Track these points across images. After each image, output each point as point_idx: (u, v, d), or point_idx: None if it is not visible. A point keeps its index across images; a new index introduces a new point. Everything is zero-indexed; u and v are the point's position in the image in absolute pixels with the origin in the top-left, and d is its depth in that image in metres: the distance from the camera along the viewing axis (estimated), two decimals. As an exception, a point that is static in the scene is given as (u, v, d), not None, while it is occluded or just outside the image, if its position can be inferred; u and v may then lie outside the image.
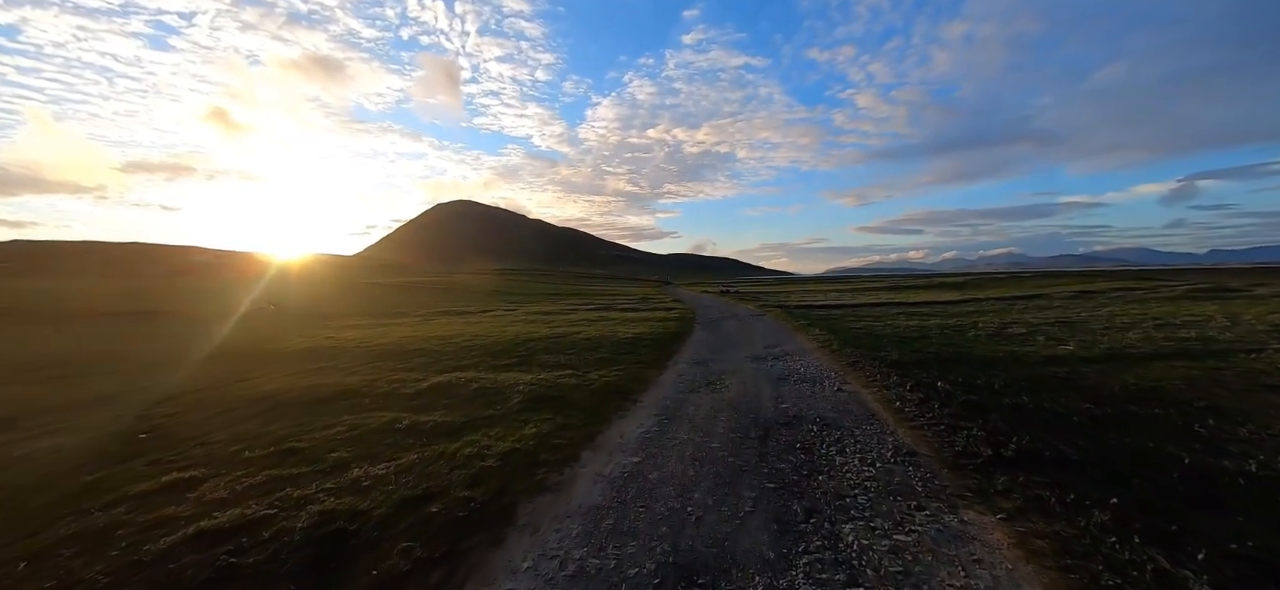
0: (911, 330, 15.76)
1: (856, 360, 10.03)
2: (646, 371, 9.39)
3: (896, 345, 12.16)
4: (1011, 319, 18.67)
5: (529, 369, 9.51)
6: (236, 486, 4.54)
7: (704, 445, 5.51)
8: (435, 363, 10.27)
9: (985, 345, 12.61)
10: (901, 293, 40.40)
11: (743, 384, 8.34)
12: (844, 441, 5.52)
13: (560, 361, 10.22)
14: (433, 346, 12.18)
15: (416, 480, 4.57)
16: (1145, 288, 33.33)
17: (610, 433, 5.97)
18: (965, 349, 11.93)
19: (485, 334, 14.90)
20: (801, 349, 11.93)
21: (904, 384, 7.85)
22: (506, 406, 6.91)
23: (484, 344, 12.60)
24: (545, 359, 10.48)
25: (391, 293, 42.65)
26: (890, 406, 6.79)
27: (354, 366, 9.90)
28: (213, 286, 39.38)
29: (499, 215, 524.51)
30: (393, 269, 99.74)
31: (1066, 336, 14.00)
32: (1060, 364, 9.93)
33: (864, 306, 26.53)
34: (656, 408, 7.02)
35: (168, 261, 66.12)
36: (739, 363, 10.30)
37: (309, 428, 6.10)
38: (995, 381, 8.09)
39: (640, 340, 13.06)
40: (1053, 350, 11.86)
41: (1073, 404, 6.67)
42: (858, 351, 11.01)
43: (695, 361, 10.63)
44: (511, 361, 10.26)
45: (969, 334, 15.02)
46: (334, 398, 7.51)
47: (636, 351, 11.46)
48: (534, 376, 8.66)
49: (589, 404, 7.05)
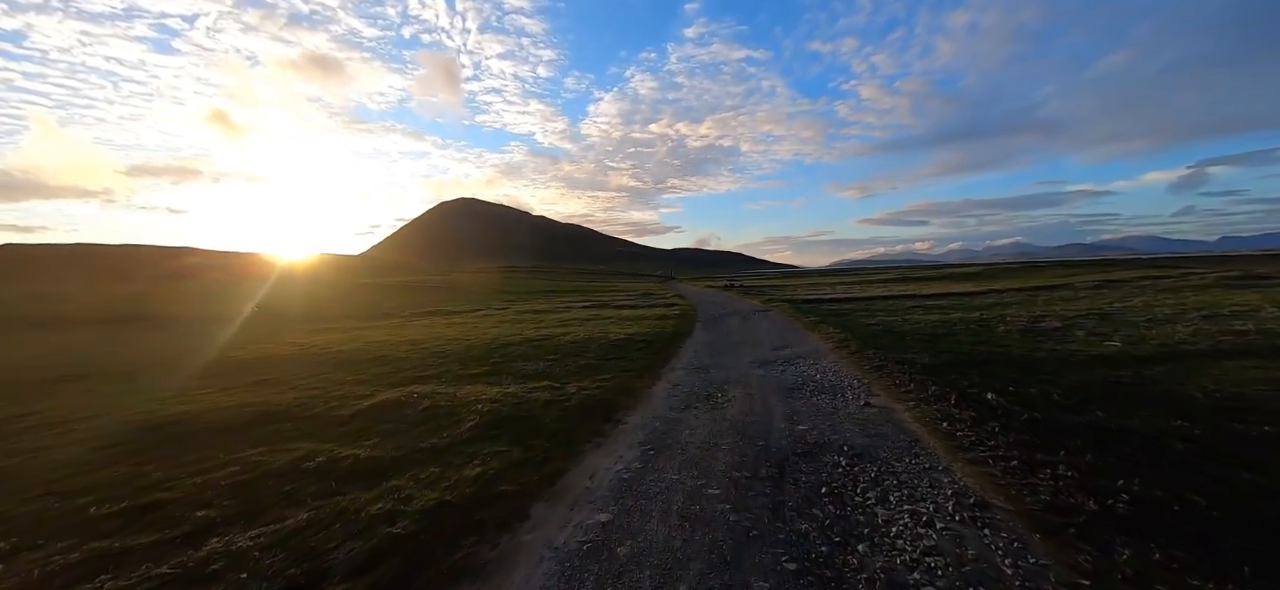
0: (934, 326, 14.32)
1: (880, 364, 8.62)
2: (636, 381, 8.03)
3: (922, 344, 10.75)
4: (1040, 312, 17.17)
5: (499, 380, 8.17)
6: (39, 569, 3.22)
7: (698, 492, 4.15)
8: (394, 373, 8.95)
9: (1021, 342, 11.20)
10: (912, 285, 38.81)
11: (749, 397, 6.96)
12: (885, 483, 4.15)
13: (538, 370, 8.87)
14: (400, 353, 10.87)
15: (287, 559, 3.23)
16: (1172, 276, 31.63)
17: (578, 473, 4.61)
18: (1001, 348, 10.51)
19: (465, 336, 13.58)
20: (814, 350, 10.54)
21: (945, 395, 6.45)
22: (456, 433, 5.57)
23: (458, 349, 11.27)
24: (521, 367, 9.13)
25: (386, 293, 41.43)
26: (935, 428, 5.40)
27: (298, 379, 8.59)
28: (203, 290, 38.32)
29: (502, 213, 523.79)
30: (393, 269, 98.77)
31: (1108, 331, 12.57)
32: (1114, 365, 8.53)
33: (876, 300, 25.03)
34: (642, 432, 5.66)
35: (161, 264, 65.00)
36: (744, 369, 8.93)
37: (193, 469, 4.78)
38: (1052, 390, 6.70)
39: (633, 342, 11.69)
40: (1099, 348, 10.46)
41: (1161, 422, 5.27)
42: (880, 353, 9.61)
43: (694, 367, 9.26)
44: (482, 370, 8.92)
45: (998, 330, 13.59)
46: (252, 423, 6.20)
47: (627, 356, 10.10)
48: (501, 390, 7.31)
49: (558, 428, 5.69)
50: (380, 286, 48.08)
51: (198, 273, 58.22)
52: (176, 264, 64.63)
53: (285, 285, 48.41)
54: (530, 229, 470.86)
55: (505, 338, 12.90)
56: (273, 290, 41.76)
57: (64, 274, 57.00)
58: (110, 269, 59.52)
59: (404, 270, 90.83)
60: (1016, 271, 49.85)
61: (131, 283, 48.11)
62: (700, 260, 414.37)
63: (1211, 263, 45.16)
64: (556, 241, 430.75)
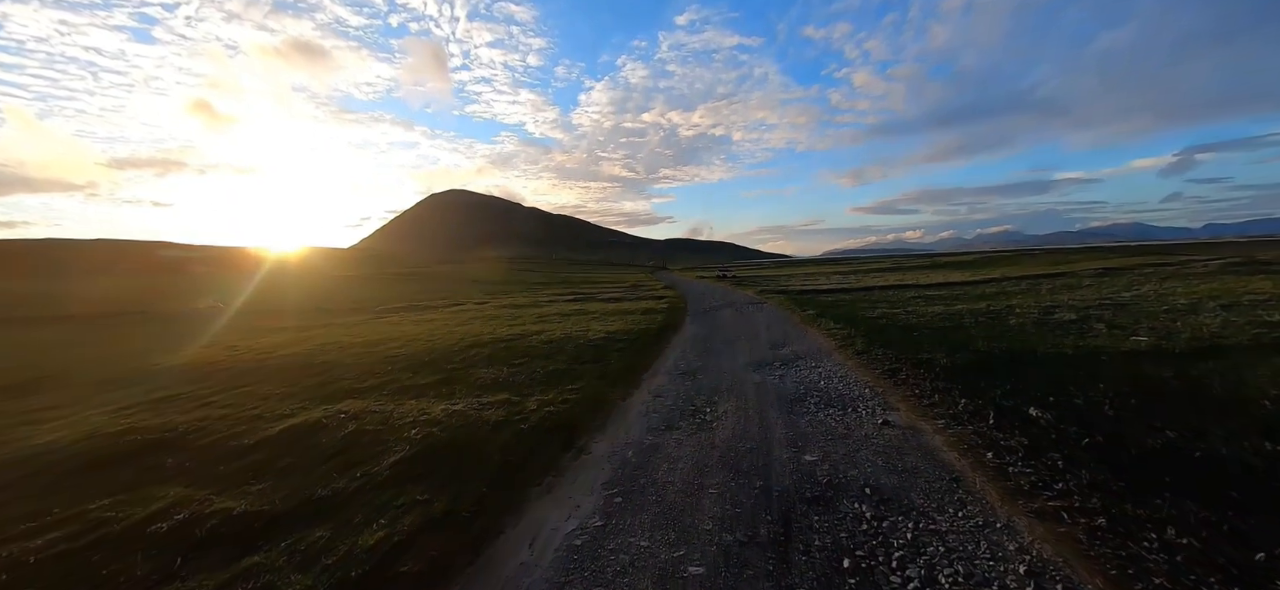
0: (941, 319, 13.28)
1: (893, 366, 7.52)
2: (611, 391, 6.86)
3: (934, 341, 9.68)
4: (1048, 302, 16.19)
5: (450, 392, 6.96)
6: None
7: (675, 570, 3.00)
8: (329, 384, 7.71)
9: (1042, 337, 10.17)
10: (908, 274, 37.91)
11: (743, 412, 5.82)
12: (928, 552, 3.02)
13: (499, 378, 7.66)
14: (348, 358, 9.60)
15: None
16: (1174, 263, 30.92)
17: (514, 537, 3.45)
18: (1021, 344, 9.46)
19: (430, 335, 12.32)
20: (816, 349, 9.42)
21: (980, 412, 5.33)
22: (372, 471, 4.38)
23: (417, 351, 10.03)
24: (481, 374, 7.91)
25: (364, 285, 39.89)
26: (978, 460, 4.28)
27: (213, 393, 7.33)
28: (171, 285, 36.56)
29: (493, 203, 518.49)
30: (378, 261, 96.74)
31: (1128, 323, 11.59)
32: (1153, 362, 7.52)
33: (874, 290, 24.02)
34: (609, 467, 4.50)
35: (135, 259, 62.58)
36: (737, 373, 7.78)
37: (6, 533, 3.56)
38: (1100, 400, 5.62)
39: (613, 341, 10.50)
40: (1126, 342, 9.47)
41: (1247, 441, 4.21)
42: (890, 352, 8.51)
43: (680, 371, 8.10)
44: (434, 380, 7.70)
45: (1010, 322, 12.57)
46: (126, 457, 4.97)
47: (605, 358, 8.91)
48: (448, 407, 6.11)
49: (504, 462, 4.52)
50: (360, 279, 46.47)
51: (173, 267, 56.15)
52: (151, 258, 62.31)
53: (260, 279, 46.65)
54: (522, 220, 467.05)
55: (474, 337, 11.66)
56: (244, 284, 40.07)
57: (34, 269, 54.63)
58: (80, 265, 57.15)
59: (389, 262, 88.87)
60: (1011, 260, 49.22)
61: (99, 278, 46.10)
62: (693, 250, 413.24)
63: (1210, 249, 44.65)
64: (548, 232, 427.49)
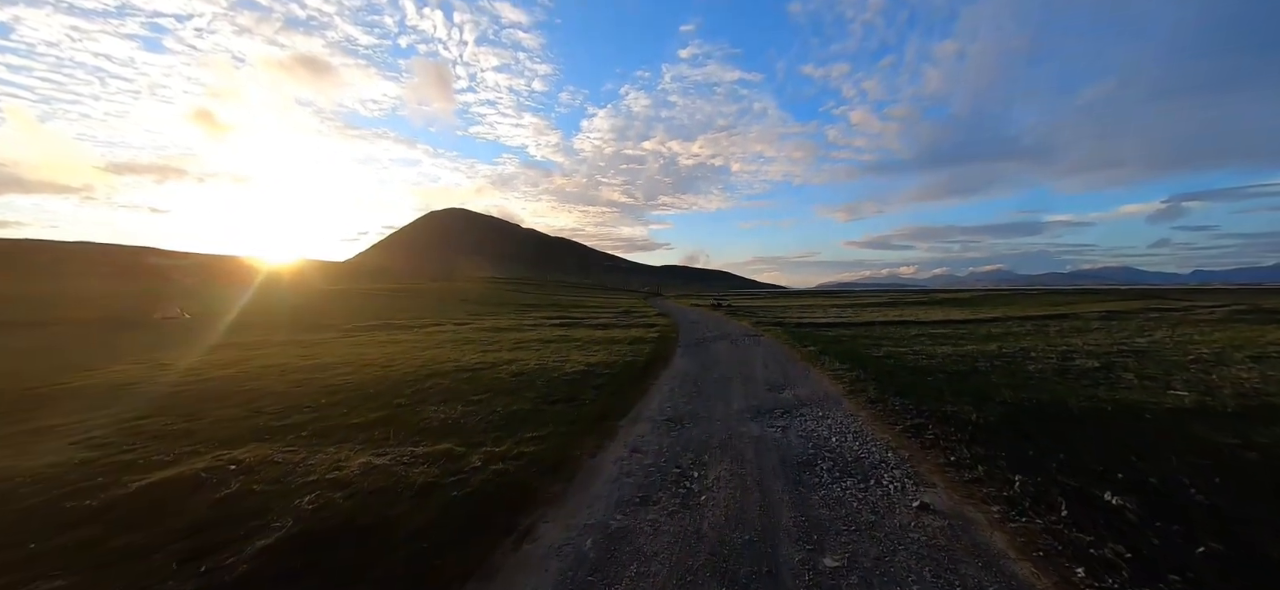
0: (953, 362, 12.19)
1: (917, 422, 6.36)
2: (579, 443, 5.65)
3: (953, 388, 8.55)
4: (1062, 346, 15.17)
5: (382, 438, 5.72)
6: None
7: None
8: (243, 419, 6.44)
9: (1070, 388, 9.10)
10: (908, 310, 37.02)
11: (739, 481, 4.63)
12: None
13: (449, 420, 6.42)
14: (282, 385, 8.30)
15: None
16: (1177, 308, 30.20)
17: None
18: (1050, 395, 8.37)
19: (390, 360, 11.06)
20: (823, 393, 8.25)
21: (1044, 495, 4.17)
22: (222, 567, 3.14)
23: (365, 380, 8.76)
24: (428, 415, 6.66)
25: (346, 300, 38.41)
26: (1065, 578, 3.11)
27: (97, 424, 6.04)
28: (144, 292, 34.94)
29: (491, 223, 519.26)
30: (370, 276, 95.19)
31: (1157, 374, 10.58)
32: (1203, 422, 6.58)
33: (876, 326, 22.97)
34: (556, 569, 3.28)
35: (116, 264, 60.52)
36: (732, 423, 6.60)
37: None
38: (1175, 474, 4.52)
39: (592, 376, 9.29)
40: (1164, 397, 8.49)
41: None
42: (908, 402, 7.37)
43: (665, 418, 6.90)
44: (372, 417, 6.45)
45: (1029, 368, 11.52)
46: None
47: (579, 397, 7.70)
48: (370, 460, 4.88)
49: (414, 554, 3.30)
50: (344, 294, 45.01)
51: (156, 274, 54.32)
52: (135, 264, 60.40)
53: (242, 290, 45.12)
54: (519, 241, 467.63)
55: (437, 364, 10.41)
56: (224, 295, 38.57)
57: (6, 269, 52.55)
58: (57, 268, 55.20)
59: (380, 277, 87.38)
60: (1009, 299, 48.60)
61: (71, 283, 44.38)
62: (689, 277, 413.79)
63: (1210, 296, 44.13)
64: (545, 254, 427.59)
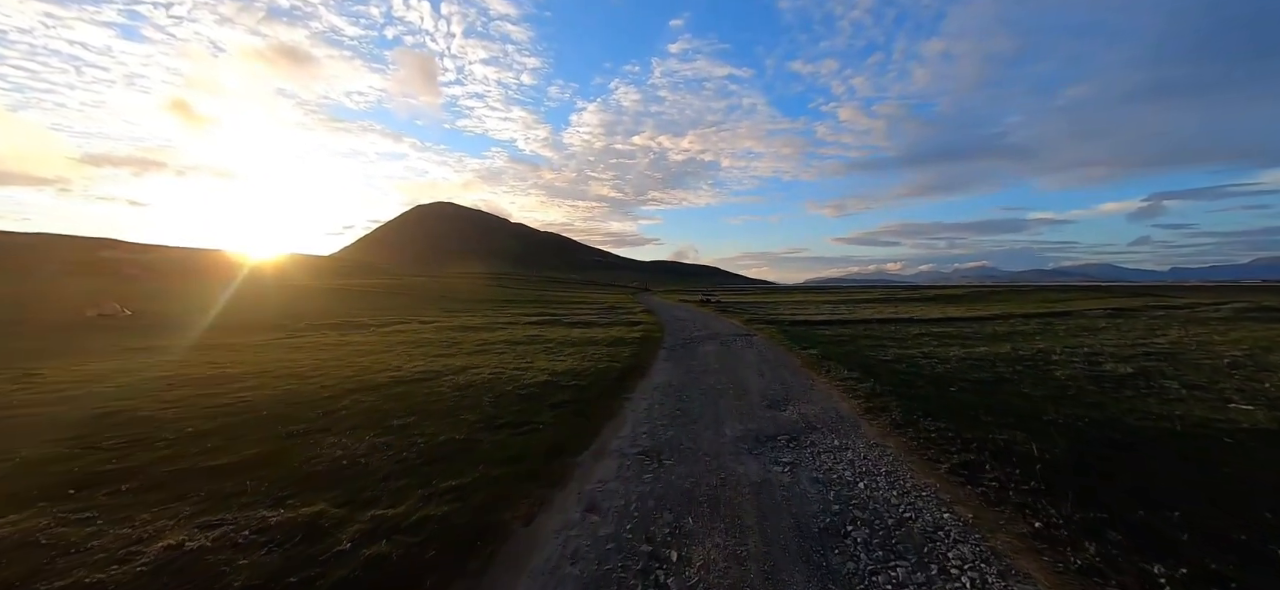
0: (972, 367, 10.82)
1: (962, 455, 4.88)
2: (513, 498, 4.08)
3: (985, 404, 7.11)
4: (1080, 347, 13.86)
5: (235, 495, 4.09)
6: None
7: None
8: (66, 460, 4.76)
9: (1118, 402, 7.70)
10: (903, 306, 35.88)
11: (739, 572, 3.09)
12: None
13: (344, 460, 4.79)
14: (156, 406, 6.53)
15: None
16: (1180, 305, 29.32)
17: None
18: (1103, 413, 6.97)
19: (317, 369, 9.35)
20: (834, 413, 6.76)
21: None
22: None
23: (272, 397, 7.06)
24: (322, 452, 5.01)
25: (311, 297, 36.25)
26: None
27: None
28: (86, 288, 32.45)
29: (479, 218, 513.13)
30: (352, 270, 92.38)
31: (1204, 381, 9.27)
32: None
33: (873, 323, 21.64)
34: None
35: (66, 257, 57.14)
36: (725, 458, 5.07)
37: None
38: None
39: (555, 388, 7.70)
40: (1233, 413, 7.17)
41: None
42: (941, 425, 5.91)
43: (637, 451, 5.35)
44: (243, 458, 4.81)
45: (1058, 375, 10.16)
46: None
47: (534, 419, 6.12)
48: (185, 538, 3.28)
49: None
50: (316, 290, 42.75)
51: (108, 269, 51.35)
52: (88, 257, 57.11)
53: (206, 285, 42.66)
54: (508, 235, 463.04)
55: (372, 373, 8.75)
56: (186, 291, 36.22)
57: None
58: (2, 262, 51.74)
59: (363, 273, 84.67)
60: (1005, 296, 47.78)
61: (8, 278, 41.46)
62: (677, 273, 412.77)
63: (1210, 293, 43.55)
64: (533, 249, 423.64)
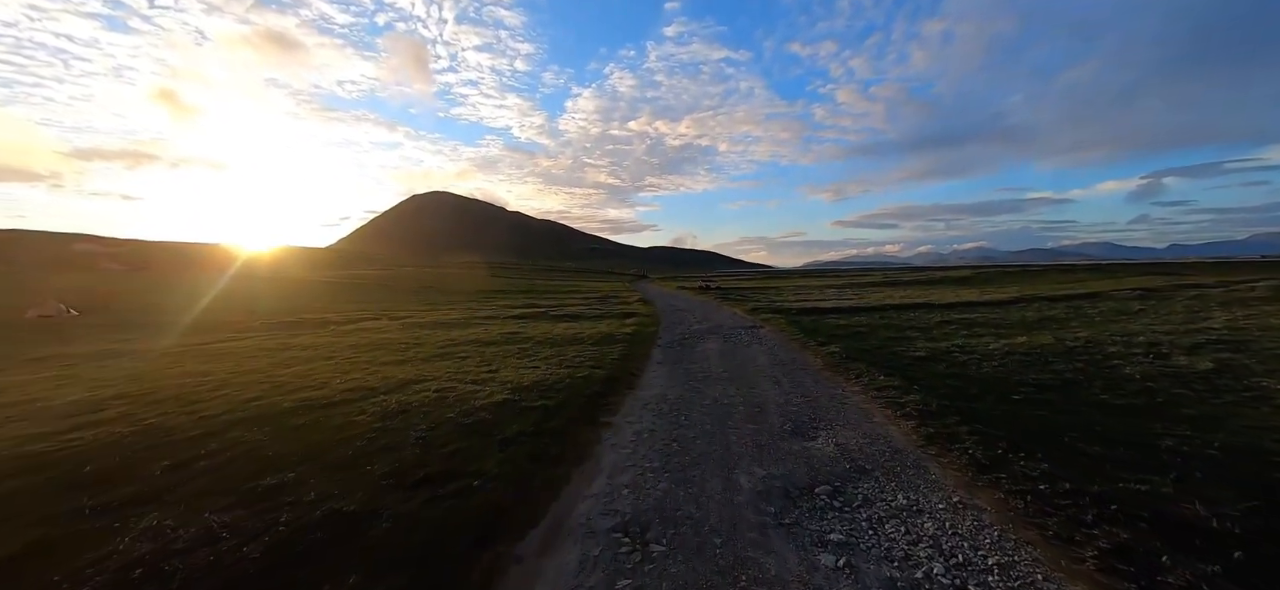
0: (1021, 363, 9.12)
1: (1098, 526, 3.17)
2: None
3: (1073, 422, 5.39)
4: (1138, 335, 12.11)
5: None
6: None
7: None
8: None
9: (1250, 420, 5.96)
10: (912, 290, 34.16)
11: None
12: None
13: (137, 576, 3.08)
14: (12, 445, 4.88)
15: None
16: (1212, 284, 27.54)
17: None
18: (1233, 433, 5.25)
19: (219, 386, 7.59)
20: (884, 444, 5.04)
21: None
22: None
23: (107, 439, 5.27)
24: (113, 554, 3.30)
25: (293, 290, 34.42)
26: None
27: None
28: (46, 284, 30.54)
29: (476, 207, 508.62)
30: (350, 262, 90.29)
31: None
32: None
33: (889, 310, 19.91)
34: None
35: (38, 252, 54.95)
36: (743, 531, 3.37)
37: None
38: None
39: (514, 412, 5.96)
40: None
41: None
42: (1038, 464, 4.20)
43: (611, 524, 3.64)
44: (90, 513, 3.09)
45: (1126, 372, 8.45)
46: None
47: (472, 468, 4.40)
48: None
49: None
50: (297, 283, 40.87)
51: (79, 264, 49.26)
52: (62, 252, 55.00)
53: (185, 279, 40.73)
54: (504, 225, 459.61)
55: (286, 391, 6.99)
56: (156, 285, 34.33)
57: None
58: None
59: (357, 264, 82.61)
60: (1018, 277, 46.01)
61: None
62: (676, 259, 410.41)
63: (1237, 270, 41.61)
64: (530, 238, 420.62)
